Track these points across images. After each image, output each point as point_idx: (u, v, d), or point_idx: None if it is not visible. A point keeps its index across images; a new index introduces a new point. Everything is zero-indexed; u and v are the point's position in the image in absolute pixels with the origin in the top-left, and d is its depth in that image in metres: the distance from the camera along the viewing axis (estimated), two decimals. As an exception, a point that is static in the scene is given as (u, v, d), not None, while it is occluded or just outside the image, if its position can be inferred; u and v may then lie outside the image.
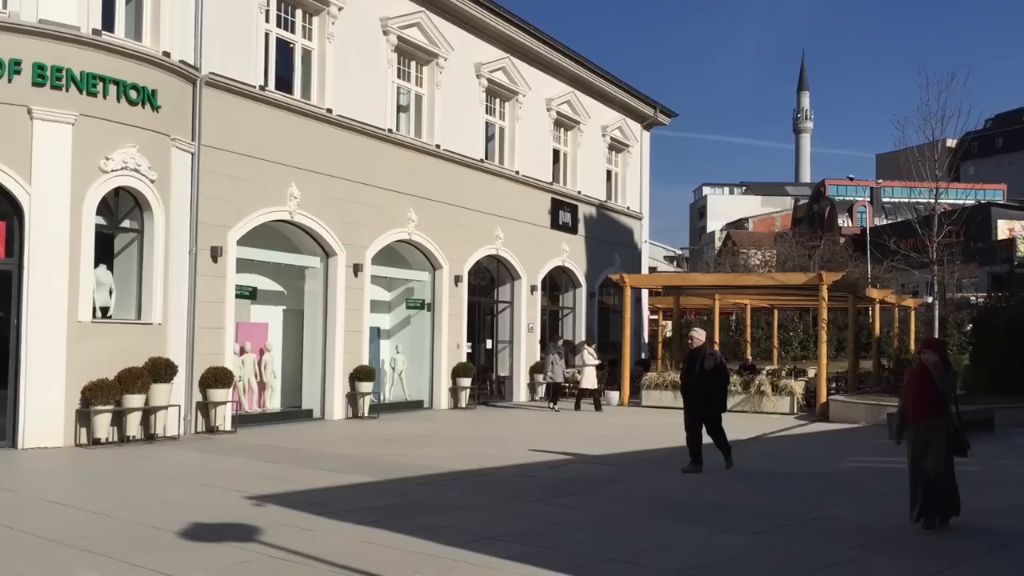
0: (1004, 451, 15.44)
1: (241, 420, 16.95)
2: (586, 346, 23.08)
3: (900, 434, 8.87)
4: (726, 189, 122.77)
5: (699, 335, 12.87)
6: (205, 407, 16.14)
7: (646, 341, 33.21)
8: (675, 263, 79.13)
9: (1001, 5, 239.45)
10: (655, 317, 38.14)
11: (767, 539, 8.41)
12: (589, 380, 22.06)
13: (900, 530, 8.83)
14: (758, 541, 8.32)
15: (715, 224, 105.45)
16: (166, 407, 15.09)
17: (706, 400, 12.34)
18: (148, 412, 14.85)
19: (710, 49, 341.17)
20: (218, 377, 16.09)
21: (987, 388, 20.80)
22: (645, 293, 32.25)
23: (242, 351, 17.92)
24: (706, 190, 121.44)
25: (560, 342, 23.53)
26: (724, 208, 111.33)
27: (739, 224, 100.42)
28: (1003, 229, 59.29)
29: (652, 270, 42.63)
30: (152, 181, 15.16)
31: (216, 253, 16.39)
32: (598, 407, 22.14)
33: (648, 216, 32.87)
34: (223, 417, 16.30)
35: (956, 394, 8.83)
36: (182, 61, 15.82)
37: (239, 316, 17.70)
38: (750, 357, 30.55)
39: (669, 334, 31.43)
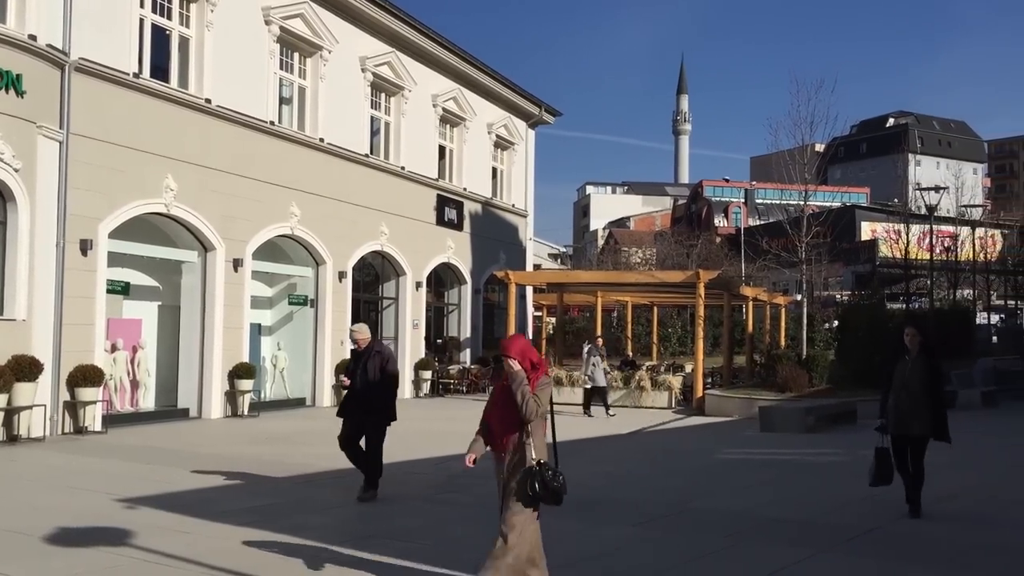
0: (867, 442, 16.25)
1: (112, 420, 16.32)
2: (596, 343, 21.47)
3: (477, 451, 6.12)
4: (609, 188, 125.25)
5: (363, 332, 10.21)
6: (73, 407, 15.46)
7: (530, 337, 33.55)
8: (559, 260, 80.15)
9: (868, 19, 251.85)
10: (539, 314, 38.60)
11: (646, 530, 8.65)
12: (602, 378, 20.45)
13: (769, 519, 9.22)
14: (638, 532, 8.55)
15: (598, 222, 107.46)
16: (31, 407, 14.40)
17: (367, 410, 9.86)
18: (11, 412, 14.14)
19: (593, 50, 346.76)
20: (87, 375, 15.43)
21: (851, 382, 21.87)
22: (529, 290, 32.57)
23: (113, 348, 17.27)
24: (589, 189, 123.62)
25: (600, 341, 21.51)
26: (607, 207, 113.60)
27: (621, 223, 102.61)
28: (866, 230, 62.29)
29: (537, 267, 43.06)
30: (16, 170, 14.42)
31: (86, 246, 15.70)
32: (587, 408, 20.28)
33: (533, 214, 33.20)
34: (93, 417, 15.67)
35: (553, 417, 6.16)
36: (50, 45, 15.09)
37: (111, 312, 17.04)
38: (631, 353, 31.28)
39: (553, 331, 31.83)
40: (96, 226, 15.98)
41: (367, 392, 9.86)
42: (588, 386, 20.27)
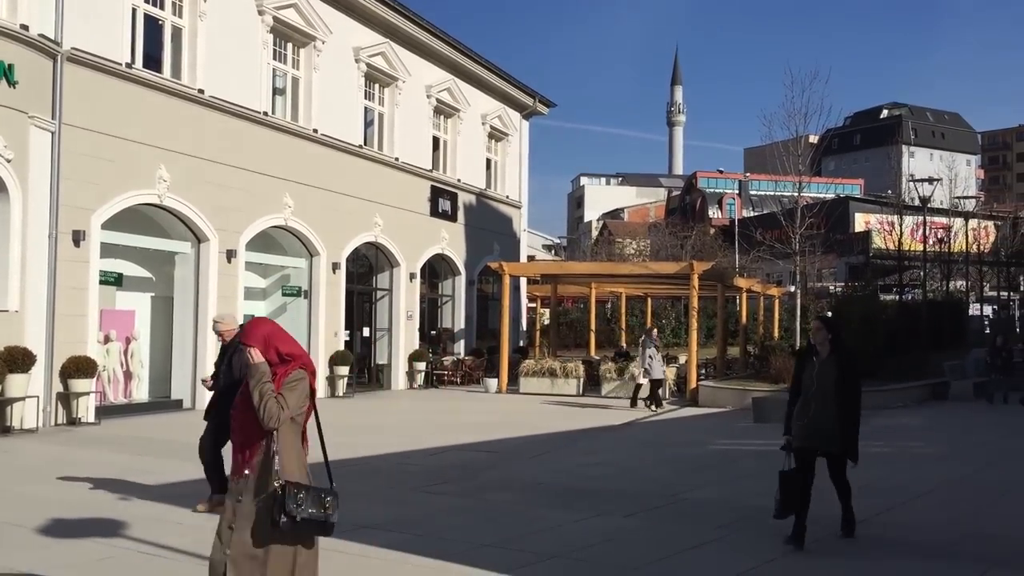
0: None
1: (106, 411, 16.32)
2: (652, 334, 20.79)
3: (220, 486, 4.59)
4: (603, 180, 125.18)
5: (227, 323, 8.93)
6: (66, 398, 15.45)
7: (524, 329, 33.57)
8: (553, 252, 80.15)
9: (863, 9, 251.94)
10: (533, 305, 38.62)
11: (638, 521, 8.68)
12: (659, 371, 19.91)
13: (760, 510, 9.24)
14: (629, 523, 8.58)
15: (592, 214, 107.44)
16: (23, 398, 14.39)
17: (226, 409, 8.28)
18: (4, 403, 14.14)
19: (587, 41, 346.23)
20: (80, 367, 15.42)
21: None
22: (523, 281, 32.57)
23: (107, 339, 17.24)
24: (584, 180, 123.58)
25: (655, 333, 20.87)
26: (601, 198, 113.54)
27: (615, 214, 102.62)
28: (860, 222, 62.22)
29: (531, 258, 43.08)
30: (8, 161, 14.37)
31: (78, 237, 15.66)
32: (658, 402, 19.85)
33: (527, 205, 33.21)
34: (86, 408, 15.66)
35: (320, 423, 5.11)
36: (42, 35, 15.02)
37: (104, 303, 17.02)
38: (624, 344, 31.33)
39: (547, 322, 31.86)
40: (89, 217, 15.95)
41: (230, 391, 8.19)
42: (645, 379, 19.48)
